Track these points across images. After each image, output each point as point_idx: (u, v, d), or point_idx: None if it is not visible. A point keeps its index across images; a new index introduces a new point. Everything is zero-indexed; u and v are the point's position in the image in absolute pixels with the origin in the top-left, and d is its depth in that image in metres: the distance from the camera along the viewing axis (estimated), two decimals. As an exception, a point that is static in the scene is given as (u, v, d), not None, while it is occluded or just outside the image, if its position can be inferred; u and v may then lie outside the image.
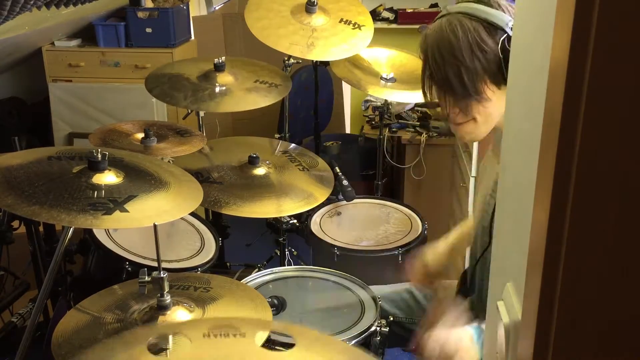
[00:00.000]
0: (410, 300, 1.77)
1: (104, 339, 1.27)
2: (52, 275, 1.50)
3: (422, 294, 1.78)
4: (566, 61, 0.51)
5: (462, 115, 1.39)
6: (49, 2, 2.46)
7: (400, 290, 1.80)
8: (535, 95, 0.66)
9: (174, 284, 1.44)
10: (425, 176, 3.24)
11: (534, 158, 0.64)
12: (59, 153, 1.53)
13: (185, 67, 2.32)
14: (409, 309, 1.76)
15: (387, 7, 4.20)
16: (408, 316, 1.75)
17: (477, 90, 1.32)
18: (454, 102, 1.37)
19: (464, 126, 1.41)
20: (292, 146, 2.32)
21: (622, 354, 0.58)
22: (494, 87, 1.33)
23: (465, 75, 1.32)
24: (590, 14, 0.49)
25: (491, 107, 1.35)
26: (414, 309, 1.76)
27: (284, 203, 1.94)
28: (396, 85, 2.43)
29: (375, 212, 2.34)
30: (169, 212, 1.42)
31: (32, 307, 1.88)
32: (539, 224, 0.59)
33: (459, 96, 1.34)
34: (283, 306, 1.59)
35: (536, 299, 0.59)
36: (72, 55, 3.47)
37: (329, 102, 3.88)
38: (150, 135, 1.99)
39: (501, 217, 0.90)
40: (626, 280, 0.56)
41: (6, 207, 1.29)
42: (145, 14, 3.43)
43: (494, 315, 0.84)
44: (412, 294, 1.78)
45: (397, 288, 1.82)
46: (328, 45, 2.32)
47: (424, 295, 1.78)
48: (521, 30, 0.80)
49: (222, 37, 4.04)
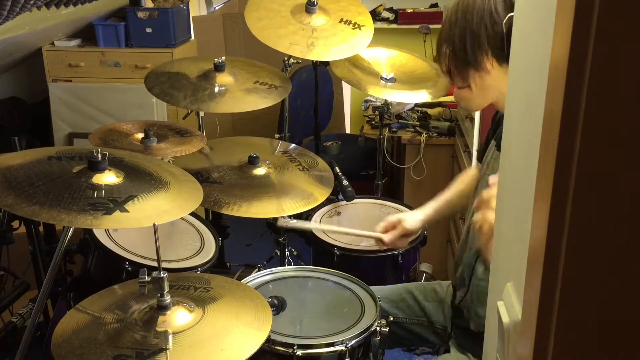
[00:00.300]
0: (411, 300, 1.77)
1: (104, 338, 1.27)
2: (52, 275, 1.50)
3: (421, 293, 1.78)
4: (566, 61, 0.51)
5: (459, 80, 1.45)
6: (49, 2, 2.46)
7: (400, 291, 1.80)
8: (535, 95, 0.66)
9: (174, 284, 1.44)
10: (425, 176, 3.24)
11: (534, 158, 0.64)
12: (59, 153, 1.53)
13: (186, 65, 2.32)
14: (409, 309, 1.76)
15: (387, 7, 4.21)
16: (408, 316, 1.76)
17: (477, 59, 1.37)
18: (455, 64, 1.42)
19: (461, 91, 1.47)
20: (292, 146, 2.32)
21: (621, 354, 0.58)
22: (494, 61, 1.36)
23: (468, 40, 1.37)
24: (590, 14, 0.49)
25: (489, 80, 1.39)
26: (414, 309, 1.76)
27: (284, 203, 1.94)
28: (396, 85, 2.43)
29: (375, 212, 2.34)
30: (169, 212, 1.42)
31: (32, 307, 1.88)
32: (539, 224, 0.59)
33: (459, 59, 1.40)
34: (283, 306, 1.59)
35: (536, 299, 0.59)
36: (72, 55, 3.47)
37: (329, 102, 3.88)
38: (150, 135, 1.99)
39: (501, 217, 0.90)
40: (626, 280, 0.56)
41: (6, 207, 1.29)
42: (145, 14, 3.43)
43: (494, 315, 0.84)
44: (412, 294, 1.78)
45: (397, 288, 1.82)
46: (328, 45, 2.32)
47: (424, 295, 1.78)
48: (521, 30, 0.80)
49: (222, 37, 4.04)
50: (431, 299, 1.76)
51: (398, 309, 1.76)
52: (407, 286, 1.82)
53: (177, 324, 1.31)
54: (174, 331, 1.29)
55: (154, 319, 1.31)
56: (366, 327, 1.54)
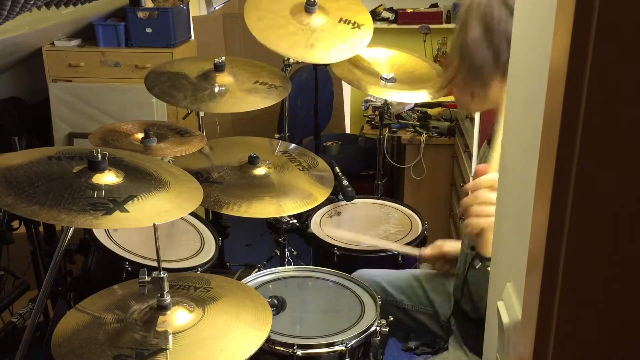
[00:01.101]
0: (418, 288, 1.76)
1: (104, 339, 1.27)
2: (52, 275, 1.50)
3: (429, 283, 1.77)
4: (566, 62, 0.51)
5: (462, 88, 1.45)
6: (49, 2, 2.46)
7: (408, 277, 1.79)
8: (535, 95, 0.66)
9: (173, 284, 1.44)
10: (425, 176, 3.24)
11: (534, 158, 0.64)
12: (59, 153, 1.52)
13: (186, 65, 2.31)
14: (415, 297, 1.75)
15: (387, 7, 4.21)
16: (414, 304, 1.75)
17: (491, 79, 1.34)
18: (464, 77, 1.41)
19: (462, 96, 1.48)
20: (292, 146, 2.32)
21: (621, 353, 0.58)
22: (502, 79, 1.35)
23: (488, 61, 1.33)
24: (590, 14, 0.49)
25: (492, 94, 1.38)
26: (421, 298, 1.75)
27: (284, 203, 1.94)
28: (396, 85, 2.43)
29: (375, 212, 2.34)
30: (169, 212, 1.42)
31: (32, 307, 1.88)
32: (539, 224, 0.59)
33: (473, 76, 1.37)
34: (283, 306, 1.60)
35: (536, 299, 0.59)
36: (72, 55, 3.47)
37: (329, 102, 3.88)
38: (150, 135, 1.99)
39: (501, 217, 0.90)
40: (626, 280, 0.56)
41: (6, 207, 1.29)
42: (145, 14, 3.43)
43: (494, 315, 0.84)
44: (420, 281, 1.77)
45: (405, 274, 1.81)
46: (328, 46, 2.32)
47: (431, 285, 1.76)
48: (521, 31, 0.80)
49: (222, 37, 4.04)
50: (438, 291, 1.75)
51: (404, 295, 1.75)
52: (415, 272, 1.82)
53: (177, 324, 1.31)
54: (174, 331, 1.29)
55: (154, 319, 1.31)
56: (366, 327, 1.54)
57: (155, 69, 2.28)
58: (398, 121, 3.37)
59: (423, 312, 1.74)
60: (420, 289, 1.76)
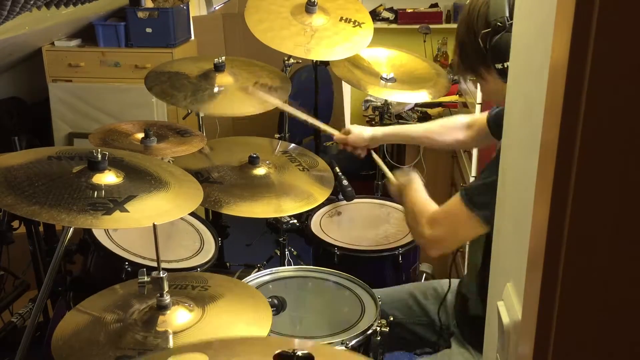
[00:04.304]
0: (411, 301, 1.77)
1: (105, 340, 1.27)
2: (52, 275, 1.50)
3: (421, 294, 1.78)
4: (566, 61, 0.51)
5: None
6: (49, 2, 2.46)
7: (401, 293, 1.80)
8: (535, 95, 0.66)
9: (171, 283, 1.44)
10: (425, 176, 3.23)
11: (534, 158, 0.64)
12: (59, 153, 1.52)
13: (186, 65, 2.31)
14: (409, 311, 1.76)
15: (387, 7, 4.20)
16: (409, 318, 1.75)
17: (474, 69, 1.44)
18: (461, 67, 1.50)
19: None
20: (292, 146, 2.32)
21: (621, 354, 0.58)
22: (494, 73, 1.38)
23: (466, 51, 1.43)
24: (590, 14, 0.49)
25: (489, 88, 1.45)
26: (415, 310, 1.76)
27: (284, 203, 1.94)
28: (396, 85, 2.43)
29: (375, 212, 2.34)
30: (169, 212, 1.42)
31: (32, 307, 1.88)
32: (539, 224, 0.59)
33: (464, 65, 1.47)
34: (283, 306, 1.59)
35: (536, 299, 0.59)
36: (72, 55, 3.47)
37: (329, 102, 3.87)
38: (150, 135, 1.99)
39: (501, 217, 0.90)
40: (626, 280, 0.56)
41: (6, 207, 1.29)
42: (145, 14, 3.43)
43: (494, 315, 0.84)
44: (413, 295, 1.78)
45: (397, 290, 1.82)
46: (330, 45, 2.33)
47: (423, 294, 1.78)
48: (521, 31, 0.80)
49: (222, 37, 4.04)
50: (431, 297, 1.76)
51: (398, 311, 1.75)
52: (407, 287, 1.82)
53: (177, 323, 1.31)
54: (174, 331, 1.29)
55: (154, 319, 1.31)
56: (366, 327, 1.54)
57: (155, 69, 2.28)
58: (398, 121, 3.37)
59: (418, 323, 1.74)
60: (413, 301, 1.77)
